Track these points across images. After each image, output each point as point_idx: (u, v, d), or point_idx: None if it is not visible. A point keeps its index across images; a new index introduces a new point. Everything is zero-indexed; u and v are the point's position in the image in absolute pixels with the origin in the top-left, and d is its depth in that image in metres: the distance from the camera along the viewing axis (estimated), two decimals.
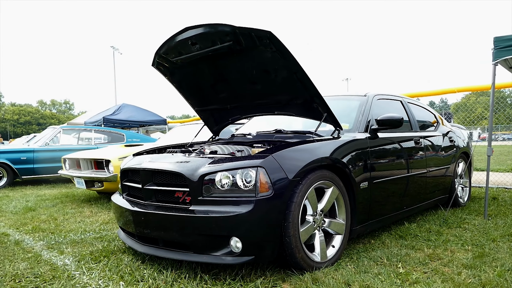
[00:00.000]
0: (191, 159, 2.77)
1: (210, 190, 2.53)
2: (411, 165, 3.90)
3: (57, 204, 5.69)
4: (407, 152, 3.89)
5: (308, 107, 3.28)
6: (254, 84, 3.34)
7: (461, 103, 19.95)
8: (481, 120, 24.04)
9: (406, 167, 3.82)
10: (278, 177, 2.50)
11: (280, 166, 2.53)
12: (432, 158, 4.33)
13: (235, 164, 2.53)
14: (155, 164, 2.85)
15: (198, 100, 3.92)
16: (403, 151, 3.83)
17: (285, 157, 2.61)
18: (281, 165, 2.54)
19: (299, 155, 2.70)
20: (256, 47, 2.88)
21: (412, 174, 3.89)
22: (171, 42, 3.17)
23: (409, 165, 3.87)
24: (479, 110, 12.00)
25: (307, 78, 2.96)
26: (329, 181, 2.86)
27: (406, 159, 3.83)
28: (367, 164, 3.24)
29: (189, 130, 7.21)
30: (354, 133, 3.42)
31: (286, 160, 2.59)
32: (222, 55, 3.12)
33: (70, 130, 9.51)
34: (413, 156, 3.97)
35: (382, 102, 4.04)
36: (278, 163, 2.53)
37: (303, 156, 2.71)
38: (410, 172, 3.87)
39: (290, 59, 2.85)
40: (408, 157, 3.87)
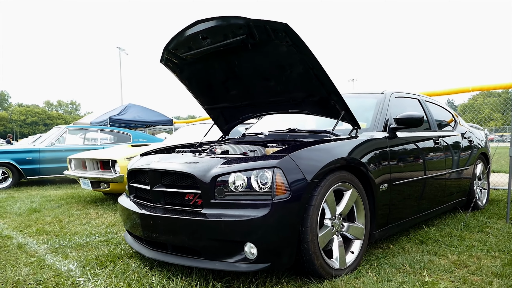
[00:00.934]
0: (202, 159, 2.61)
1: (223, 192, 2.37)
2: (431, 166, 3.72)
3: (62, 205, 5.56)
4: (427, 153, 3.71)
5: (324, 105, 3.11)
6: (267, 80, 3.18)
7: (468, 104, 19.63)
8: (489, 121, 23.74)
9: (426, 169, 3.64)
10: (295, 178, 2.34)
11: (298, 166, 2.37)
12: (451, 159, 4.15)
13: (249, 165, 2.37)
14: (164, 165, 2.69)
15: (208, 97, 3.76)
16: (423, 151, 3.65)
17: (302, 157, 2.44)
18: (298, 165, 2.37)
19: (318, 155, 2.54)
20: (271, 41, 2.72)
21: (431, 176, 3.71)
22: (181, 37, 3.02)
23: (429, 167, 3.69)
24: (487, 111, 11.77)
25: (324, 74, 2.79)
26: (349, 183, 2.69)
27: (425, 160, 3.65)
28: (386, 165, 3.07)
29: (196, 130, 7.07)
30: (372, 132, 3.25)
31: (304, 161, 2.42)
32: (234, 49, 2.96)
33: (76, 130, 9.40)
34: (432, 157, 3.79)
35: (400, 100, 3.86)
36: (295, 164, 2.37)
37: (321, 156, 2.54)
38: (430, 174, 3.69)
39: (307, 53, 2.68)
40: (427, 158, 3.69)
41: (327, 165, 2.50)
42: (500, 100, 12.70)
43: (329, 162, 2.52)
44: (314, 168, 2.44)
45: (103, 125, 14.17)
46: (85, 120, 17.92)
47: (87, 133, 9.54)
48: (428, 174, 3.67)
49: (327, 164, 2.51)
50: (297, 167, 2.36)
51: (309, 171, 2.40)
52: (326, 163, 2.50)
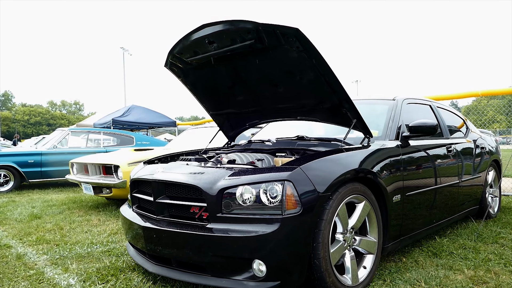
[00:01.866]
0: (208, 170, 2.50)
1: (230, 206, 2.25)
2: (444, 175, 3.60)
3: (64, 211, 5.46)
4: (440, 161, 3.58)
5: (335, 113, 2.99)
6: (275, 86, 3.06)
7: (472, 106, 19.46)
8: (492, 123, 23.57)
9: (439, 178, 3.51)
10: (307, 192, 2.22)
11: (309, 179, 2.25)
12: (464, 166, 4.02)
13: (258, 177, 2.25)
14: (168, 175, 2.58)
15: (214, 103, 3.65)
16: (436, 160, 3.52)
17: (314, 169, 2.32)
18: (310, 178, 2.25)
19: (330, 166, 2.42)
20: (281, 46, 2.60)
21: (444, 185, 3.58)
22: (186, 41, 2.91)
23: (442, 175, 3.56)
24: (491, 113, 11.65)
25: (336, 81, 2.68)
26: (361, 195, 2.57)
27: (438, 168, 3.53)
28: (400, 175, 2.95)
29: (201, 133, 6.96)
30: (384, 140, 3.13)
31: (315, 173, 2.30)
32: (241, 54, 2.85)
33: (79, 132, 9.31)
34: (445, 165, 3.66)
35: (411, 106, 3.73)
36: (307, 176, 2.25)
37: (333, 168, 2.42)
38: (443, 183, 3.56)
39: (319, 59, 2.56)
40: (440, 167, 3.57)
41: (339, 177, 2.38)
42: (504, 102, 12.56)
43: (342, 173, 2.41)
44: (326, 180, 2.32)
45: (106, 126, 14.10)
46: (88, 121, 17.88)
47: (90, 135, 9.44)
48: (441, 183, 3.54)
49: (340, 176, 2.39)
50: (308, 180, 2.24)
51: (321, 183, 2.29)
52: (338, 175, 2.38)
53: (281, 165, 2.55)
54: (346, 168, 2.47)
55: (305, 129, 4.05)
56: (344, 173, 2.42)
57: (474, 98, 40.93)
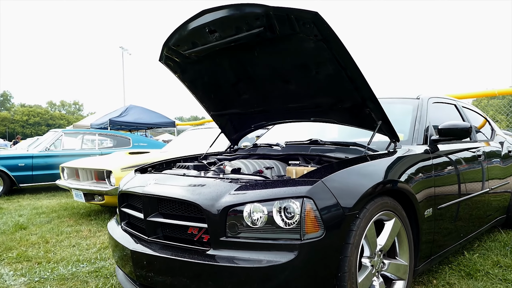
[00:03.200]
0: (209, 182, 2.08)
1: (237, 228, 1.84)
2: (474, 183, 3.19)
3: (52, 220, 5.04)
4: (469, 168, 3.17)
5: (357, 113, 2.58)
6: (287, 83, 2.65)
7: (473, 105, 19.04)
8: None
9: (470, 186, 3.11)
10: (330, 210, 1.81)
11: (333, 194, 1.84)
12: (493, 173, 3.61)
13: (271, 193, 1.84)
14: (161, 189, 2.16)
15: (215, 102, 3.23)
16: (466, 166, 3.11)
17: (338, 182, 1.91)
18: (333, 193, 1.84)
19: (356, 178, 2.01)
20: (295, 35, 2.19)
21: (475, 194, 3.18)
22: (183, 31, 2.50)
23: (472, 184, 3.16)
24: (491, 113, 11.28)
25: (360, 77, 2.26)
26: (391, 211, 2.16)
27: (469, 176, 3.12)
28: (431, 186, 2.55)
29: (201, 134, 6.56)
30: (412, 145, 2.73)
31: (339, 186, 1.90)
32: (248, 46, 2.44)
33: (73, 134, 8.89)
34: (475, 172, 3.25)
35: (437, 106, 3.32)
36: (329, 191, 1.84)
37: (360, 180, 2.02)
38: (474, 192, 3.16)
39: (341, 50, 2.15)
40: (470, 174, 3.16)
41: (367, 192, 1.97)
42: (504, 102, 12.18)
43: (371, 187, 2.00)
44: (353, 195, 1.91)
45: (103, 127, 13.68)
46: (85, 121, 17.48)
47: (85, 136, 9.01)
48: (472, 192, 3.13)
49: (368, 190, 1.98)
50: (331, 195, 1.83)
51: (347, 200, 1.88)
52: (366, 189, 1.97)
53: (297, 177, 2.15)
54: (375, 180, 2.06)
55: (316, 131, 3.65)
56: (373, 186, 2.01)
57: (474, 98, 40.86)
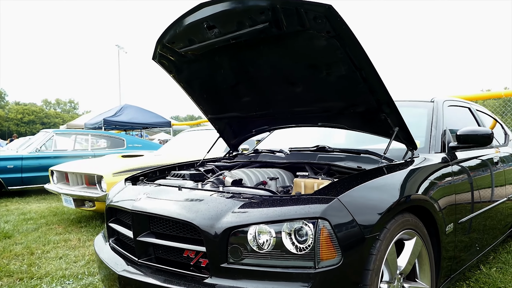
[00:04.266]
0: (208, 198, 1.83)
1: (240, 253, 1.60)
2: (493, 193, 2.97)
3: (40, 227, 4.77)
4: (488, 177, 2.95)
5: (370, 118, 2.33)
6: (292, 85, 2.40)
7: None
8: None
9: (490, 197, 2.89)
10: (349, 233, 1.57)
11: (351, 215, 1.60)
12: (510, 180, 3.38)
13: (280, 213, 1.59)
14: (153, 204, 1.91)
15: (213, 105, 2.98)
16: (485, 175, 2.89)
17: (356, 199, 1.67)
18: (352, 213, 1.60)
19: (376, 195, 1.77)
20: (305, 31, 1.95)
21: (494, 204, 2.96)
22: (179, 26, 2.26)
23: (491, 194, 2.93)
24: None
25: (377, 78, 2.02)
26: (412, 230, 1.93)
27: (488, 185, 2.90)
28: (452, 199, 2.32)
29: (198, 136, 6.31)
30: (430, 153, 2.49)
31: (358, 205, 1.66)
32: (250, 43, 2.19)
33: (64, 134, 8.60)
34: (493, 181, 3.02)
35: (452, 109, 3.09)
36: (348, 211, 1.60)
37: (381, 196, 1.78)
38: (493, 203, 2.94)
39: (356, 48, 1.91)
40: (489, 183, 2.93)
41: (389, 209, 1.74)
42: (499, 102, 12.06)
43: (392, 204, 1.76)
44: (373, 215, 1.67)
45: (97, 127, 13.39)
46: (79, 121, 17.15)
47: (78, 137, 8.72)
48: (491, 203, 2.91)
49: (390, 208, 1.74)
50: (350, 216, 1.59)
51: (367, 220, 1.64)
52: (388, 206, 1.73)
53: (307, 190, 1.91)
54: (396, 196, 1.82)
55: (320, 136, 3.41)
56: (395, 203, 1.77)
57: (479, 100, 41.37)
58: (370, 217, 1.66)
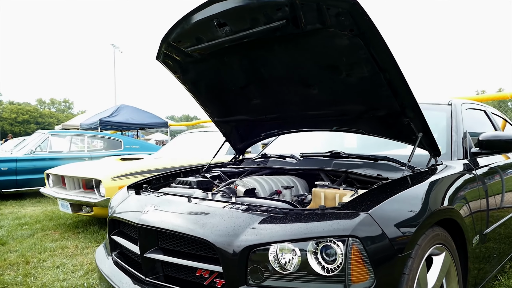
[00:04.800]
0: (223, 212, 1.67)
1: (261, 274, 1.44)
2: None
3: (35, 233, 4.60)
4: (509, 184, 2.82)
5: (392, 123, 2.18)
6: (308, 87, 2.25)
7: None
8: None
9: (509, 205, 2.76)
10: (381, 252, 1.42)
11: (384, 232, 1.45)
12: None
13: (306, 230, 1.44)
14: (162, 218, 1.75)
15: (221, 107, 2.83)
16: (507, 182, 2.76)
17: (388, 214, 1.52)
18: (384, 230, 1.45)
19: (407, 208, 1.62)
20: (325, 29, 1.80)
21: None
22: (187, 23, 2.10)
23: (510, 201, 2.80)
24: None
25: (402, 81, 1.87)
26: (442, 245, 1.78)
27: (508, 193, 2.76)
28: (477, 209, 2.18)
29: (198, 138, 6.15)
30: (452, 160, 2.36)
31: (390, 221, 1.51)
32: (263, 42, 2.04)
33: (60, 135, 8.40)
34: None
35: (470, 113, 2.96)
36: (380, 228, 1.45)
37: (412, 209, 1.63)
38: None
39: (381, 49, 1.77)
40: (509, 190, 2.80)
41: (421, 224, 1.59)
42: (494, 103, 12.06)
43: (424, 218, 1.61)
44: (406, 231, 1.53)
45: (93, 127, 13.18)
46: (74, 121, 16.91)
47: (73, 138, 8.53)
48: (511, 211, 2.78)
49: (422, 222, 1.60)
50: (382, 233, 1.44)
51: (399, 237, 1.49)
52: (420, 220, 1.59)
53: (327, 201, 1.76)
54: (427, 209, 1.68)
55: (328, 140, 3.26)
56: (426, 217, 1.63)
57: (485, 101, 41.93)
58: (403, 233, 1.51)
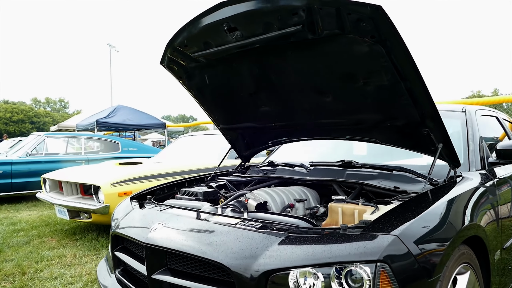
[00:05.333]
0: (237, 232, 1.56)
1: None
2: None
3: (32, 240, 4.46)
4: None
5: (410, 133, 2.08)
6: (321, 94, 2.14)
7: None
8: None
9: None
10: (411, 278, 1.33)
11: (413, 256, 1.34)
12: None
13: (329, 253, 1.33)
14: (172, 237, 1.64)
15: (227, 114, 2.72)
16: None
17: (416, 236, 1.42)
18: (414, 254, 1.35)
19: (435, 228, 1.52)
20: (343, 35, 1.69)
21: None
22: (194, 28, 2.00)
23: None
24: None
25: (423, 90, 1.77)
26: (467, 264, 1.68)
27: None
28: (498, 223, 2.08)
29: (198, 141, 6.05)
30: (470, 171, 2.26)
31: (419, 243, 1.40)
32: (276, 48, 1.94)
33: (56, 137, 8.25)
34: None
35: (484, 119, 2.87)
36: (409, 251, 1.34)
37: (440, 229, 1.53)
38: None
39: (403, 57, 1.67)
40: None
41: (450, 244, 1.49)
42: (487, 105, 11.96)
43: (453, 237, 1.52)
44: (435, 253, 1.43)
45: (89, 128, 13.03)
46: (71, 122, 16.72)
47: (70, 140, 8.38)
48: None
49: (451, 242, 1.50)
50: (411, 257, 1.34)
51: (429, 260, 1.39)
52: (449, 242, 1.49)
53: (345, 218, 1.67)
54: (454, 227, 1.58)
55: (336, 146, 3.16)
56: (455, 237, 1.53)
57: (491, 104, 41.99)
58: (432, 256, 1.41)
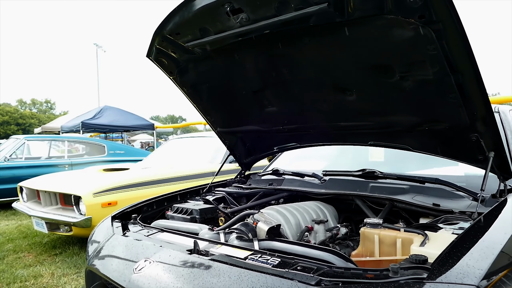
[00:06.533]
0: (247, 275, 1.18)
1: None
2: None
3: (7, 255, 4.02)
4: None
5: (453, 139, 1.71)
6: (343, 92, 1.76)
7: None
8: None
9: None
10: None
11: None
12: None
13: None
14: (159, 280, 1.24)
15: (226, 116, 2.34)
16: None
17: (494, 281, 1.05)
18: None
19: (506, 267, 1.15)
20: (382, 16, 1.32)
21: None
22: (188, 11, 1.61)
23: None
24: None
25: (479, 86, 1.41)
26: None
27: None
28: None
29: (188, 144, 5.65)
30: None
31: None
32: (290, 34, 1.56)
33: (37, 141, 7.77)
34: None
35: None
36: None
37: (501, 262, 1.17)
38: None
39: (459, 43, 1.30)
40: None
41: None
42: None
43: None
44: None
45: (75, 130, 12.50)
46: (55, 123, 16.11)
47: (52, 143, 7.89)
48: None
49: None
50: None
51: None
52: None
53: (384, 250, 1.30)
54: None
55: (350, 150, 2.79)
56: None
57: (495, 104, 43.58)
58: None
